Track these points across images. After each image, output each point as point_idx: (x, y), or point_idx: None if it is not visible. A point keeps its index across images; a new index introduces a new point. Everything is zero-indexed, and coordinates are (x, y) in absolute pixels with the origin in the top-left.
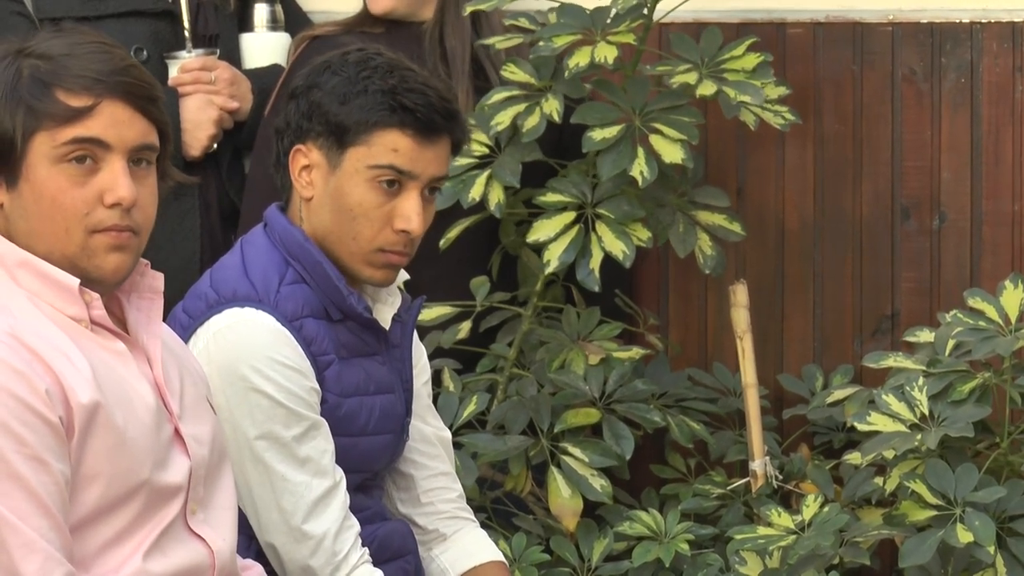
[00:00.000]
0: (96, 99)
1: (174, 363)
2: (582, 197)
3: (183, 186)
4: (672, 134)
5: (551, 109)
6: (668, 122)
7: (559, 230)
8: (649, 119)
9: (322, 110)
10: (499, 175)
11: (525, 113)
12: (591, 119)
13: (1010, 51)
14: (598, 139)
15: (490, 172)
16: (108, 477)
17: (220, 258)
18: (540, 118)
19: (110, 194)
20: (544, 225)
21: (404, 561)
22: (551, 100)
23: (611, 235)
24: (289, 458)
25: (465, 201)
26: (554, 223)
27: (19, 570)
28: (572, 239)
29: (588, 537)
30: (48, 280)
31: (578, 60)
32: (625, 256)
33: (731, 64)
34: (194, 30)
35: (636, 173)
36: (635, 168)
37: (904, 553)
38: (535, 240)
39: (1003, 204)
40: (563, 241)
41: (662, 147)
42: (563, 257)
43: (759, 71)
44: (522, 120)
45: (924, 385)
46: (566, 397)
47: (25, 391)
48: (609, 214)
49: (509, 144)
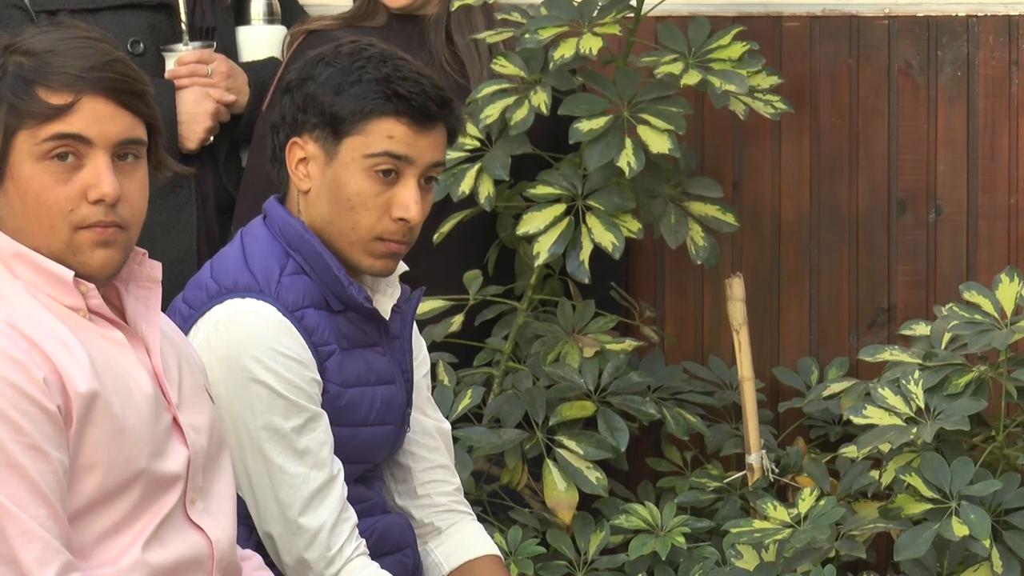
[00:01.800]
0: (76, 96)
1: (172, 352)
2: (572, 189)
3: (180, 178)
4: (659, 124)
5: (539, 102)
6: (656, 112)
7: (549, 222)
8: (637, 110)
9: (317, 101)
10: (489, 168)
11: (514, 106)
12: (579, 110)
13: (1006, 44)
14: (585, 130)
15: (480, 166)
16: (106, 466)
17: (218, 250)
18: (529, 111)
19: (93, 190)
20: (534, 217)
21: (403, 555)
22: (540, 93)
23: (601, 227)
24: (288, 450)
25: (455, 194)
26: (544, 215)
27: (18, 558)
28: (562, 231)
29: (584, 530)
30: (43, 272)
31: (563, 51)
32: (615, 247)
33: (717, 54)
34: (191, 23)
35: (623, 163)
36: (622, 159)
37: (900, 546)
38: (525, 232)
39: (999, 197)
40: (553, 233)
41: (649, 137)
42: (553, 249)
43: (745, 60)
44: (511, 113)
45: (920, 378)
46: (561, 390)
47: (23, 380)
48: (599, 206)
49: (500, 138)
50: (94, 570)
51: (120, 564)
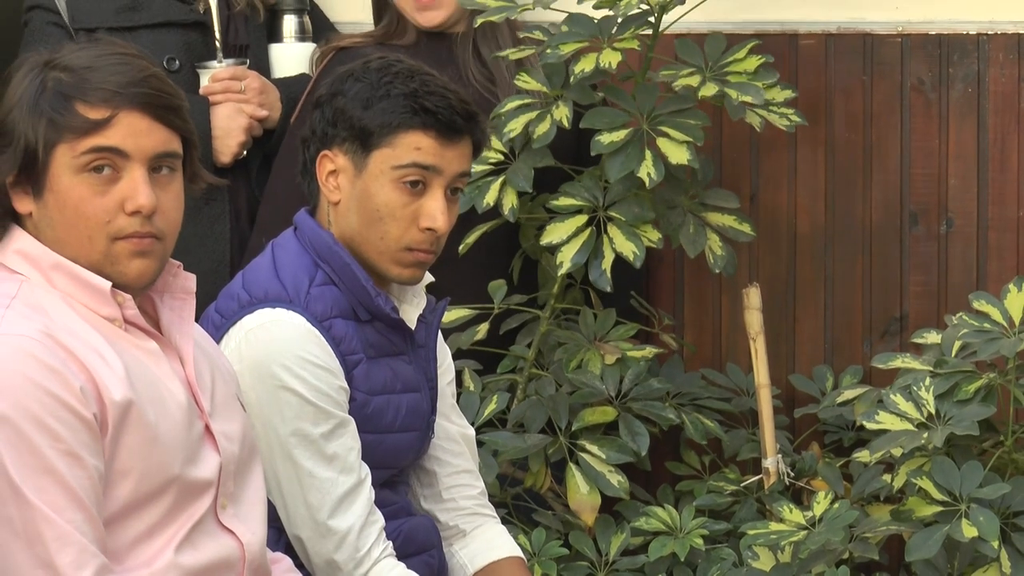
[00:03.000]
0: (114, 111)
1: (205, 362)
2: (594, 201)
3: (214, 192)
4: (678, 136)
5: (561, 116)
6: (674, 125)
7: (572, 232)
8: (656, 123)
9: (346, 116)
10: (513, 181)
11: (536, 120)
12: (599, 123)
13: (1016, 62)
14: (606, 142)
15: (504, 178)
16: (140, 473)
17: (251, 261)
18: (551, 124)
19: (130, 202)
20: (557, 228)
21: (428, 556)
22: (561, 107)
23: (622, 236)
24: (317, 455)
25: (480, 206)
26: (567, 226)
27: (54, 562)
28: (584, 241)
29: (605, 532)
30: (81, 282)
31: (584, 66)
32: (636, 256)
33: (733, 67)
34: (225, 40)
35: (643, 174)
36: (642, 170)
37: (911, 548)
38: (548, 242)
39: (1008, 210)
40: (575, 243)
41: (668, 149)
42: (575, 258)
43: (761, 73)
44: (534, 127)
45: (931, 385)
46: (583, 396)
47: (60, 389)
48: (620, 216)
49: (523, 151)
50: (128, 573)
51: (154, 567)
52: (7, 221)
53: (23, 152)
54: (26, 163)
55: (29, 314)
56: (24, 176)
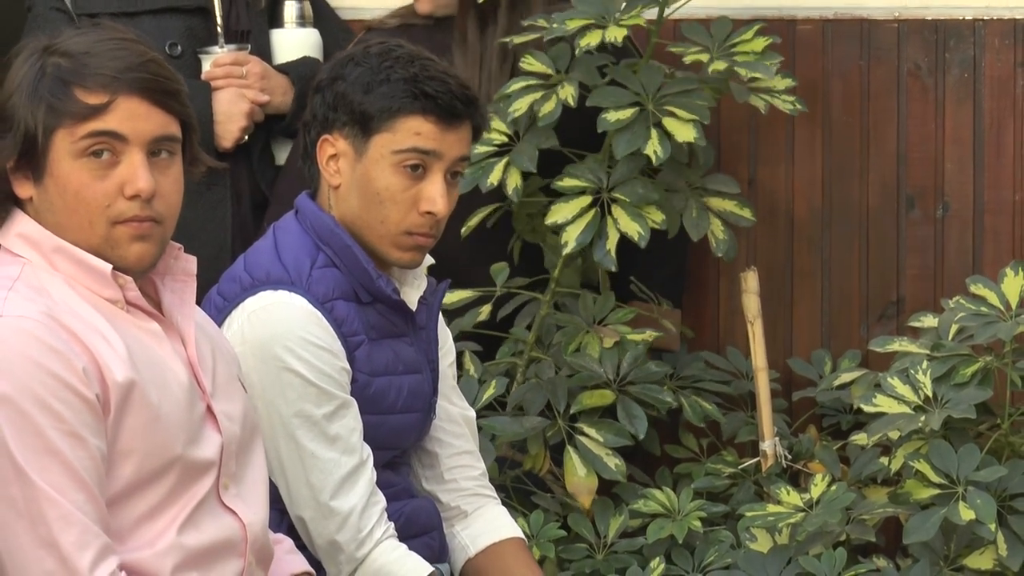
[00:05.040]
0: (112, 96)
1: (207, 343)
2: (598, 182)
3: (215, 177)
4: (684, 115)
5: (567, 95)
6: (680, 104)
7: (576, 213)
8: (662, 103)
9: (347, 100)
10: (517, 161)
11: (541, 100)
12: (606, 102)
13: (1011, 47)
14: (613, 120)
15: (508, 159)
16: (143, 453)
17: (253, 244)
18: (556, 104)
19: (129, 186)
20: (561, 208)
21: (429, 537)
22: (567, 86)
23: (627, 217)
24: (319, 436)
25: (484, 186)
26: (571, 206)
27: (57, 541)
28: (589, 221)
29: (604, 514)
30: (82, 265)
31: (589, 40)
32: (640, 237)
33: (741, 47)
34: (226, 26)
35: (650, 151)
36: (649, 147)
37: (908, 530)
38: (553, 222)
39: (1004, 194)
40: (580, 223)
41: (675, 127)
42: (580, 238)
43: (767, 54)
44: (539, 106)
45: (928, 368)
46: (582, 379)
47: (63, 370)
48: (624, 197)
49: (527, 132)
50: (131, 553)
51: (156, 547)
52: (8, 205)
53: (23, 137)
54: (26, 148)
55: (32, 296)
56: (24, 161)
